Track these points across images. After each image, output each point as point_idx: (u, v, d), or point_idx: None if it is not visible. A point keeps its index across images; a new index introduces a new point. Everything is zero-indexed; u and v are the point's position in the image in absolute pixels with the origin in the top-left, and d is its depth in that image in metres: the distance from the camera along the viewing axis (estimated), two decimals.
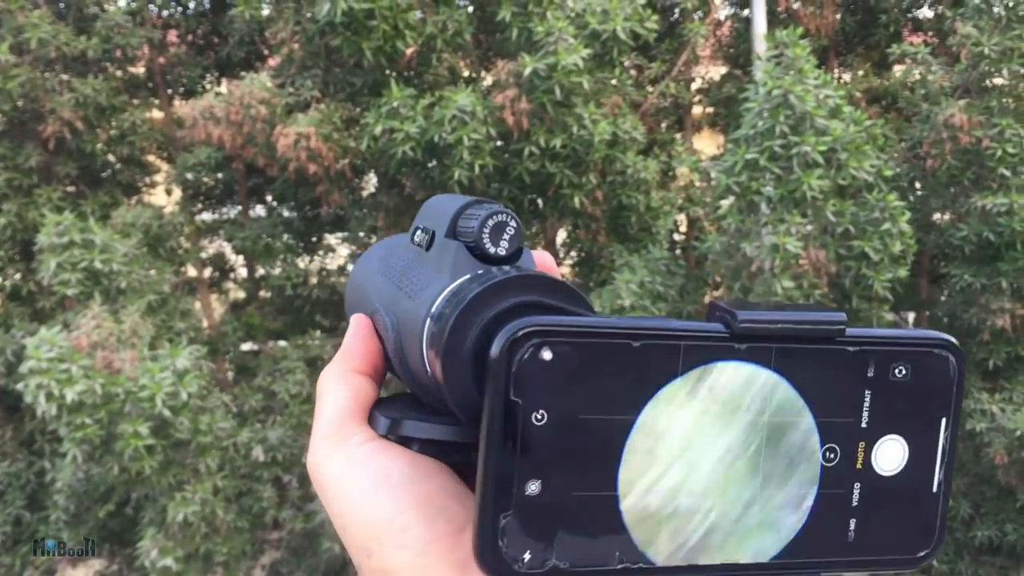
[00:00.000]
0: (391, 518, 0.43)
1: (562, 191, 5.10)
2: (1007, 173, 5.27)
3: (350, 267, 6.99)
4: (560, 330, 0.39)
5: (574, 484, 0.40)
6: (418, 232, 0.52)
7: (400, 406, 0.50)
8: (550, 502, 0.40)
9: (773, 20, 6.37)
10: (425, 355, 0.46)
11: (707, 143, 7.46)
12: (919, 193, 6.14)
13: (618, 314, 4.81)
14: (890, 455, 0.44)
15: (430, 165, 4.78)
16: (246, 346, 7.10)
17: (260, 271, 7.37)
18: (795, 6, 6.59)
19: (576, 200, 5.15)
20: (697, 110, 7.34)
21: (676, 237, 6.97)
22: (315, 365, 6.38)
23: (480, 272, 0.46)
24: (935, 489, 0.44)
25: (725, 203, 5.21)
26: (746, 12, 6.61)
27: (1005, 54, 5.16)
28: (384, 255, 0.56)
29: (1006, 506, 6.03)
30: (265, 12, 6.22)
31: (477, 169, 4.48)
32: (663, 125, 7.05)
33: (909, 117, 6.18)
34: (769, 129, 4.59)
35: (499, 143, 4.76)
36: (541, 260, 0.52)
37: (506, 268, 0.46)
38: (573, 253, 6.64)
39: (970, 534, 6.12)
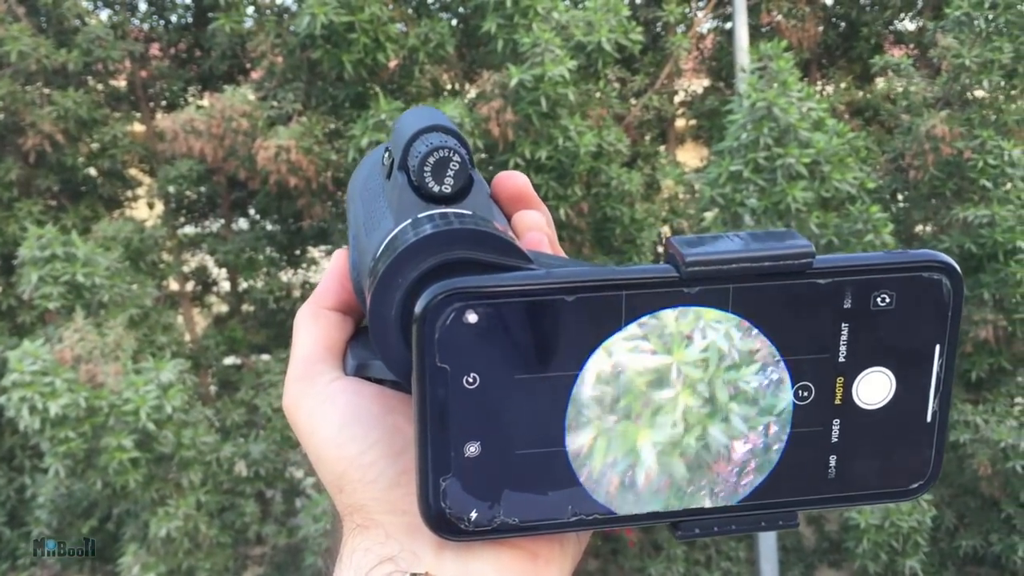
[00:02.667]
0: (359, 454, 0.43)
1: (547, 203, 5.10)
2: (988, 185, 5.31)
3: None
4: (482, 291, 0.38)
5: (516, 443, 0.39)
6: (386, 153, 0.49)
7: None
8: (492, 462, 0.39)
9: (755, 33, 6.41)
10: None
11: (690, 156, 7.49)
12: (901, 205, 6.18)
13: None
14: (874, 388, 0.41)
15: None
16: (229, 360, 7.05)
17: (243, 284, 7.33)
18: (778, 19, 6.63)
19: (561, 212, 5.15)
20: (680, 123, 7.37)
21: (660, 249, 6.98)
22: None
23: (413, 219, 0.43)
24: (929, 419, 0.42)
25: (709, 215, 5.22)
26: (729, 25, 6.65)
27: (985, 66, 5.21)
28: (368, 171, 0.53)
29: (990, 516, 6.05)
30: (247, 25, 6.20)
31: None
32: (647, 138, 7.07)
33: (891, 129, 6.23)
34: (753, 141, 4.61)
35: (485, 155, 4.75)
36: (505, 184, 0.50)
37: (439, 215, 0.43)
38: None
39: (954, 544, 6.14)
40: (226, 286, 7.68)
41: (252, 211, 7.36)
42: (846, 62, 7.24)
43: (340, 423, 0.44)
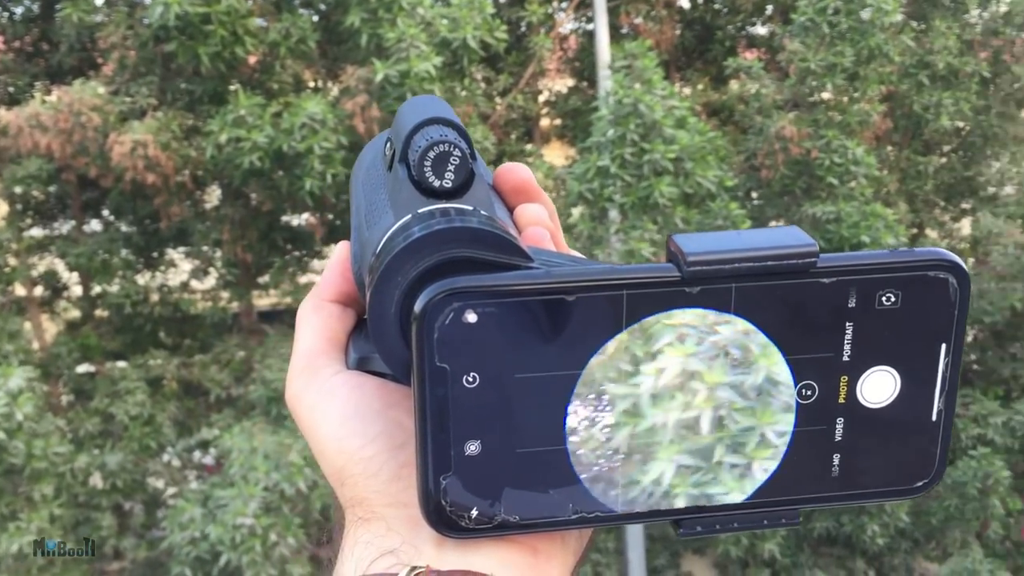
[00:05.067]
0: (360, 447, 0.43)
1: None
2: (834, 182, 5.59)
3: (193, 283, 6.73)
4: (481, 290, 0.38)
5: (517, 441, 0.39)
6: (387, 143, 0.49)
7: None
8: (492, 460, 0.39)
9: (616, 35, 6.56)
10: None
11: (556, 154, 7.60)
12: (756, 202, 6.44)
13: None
14: (878, 387, 0.40)
15: (278, 175, 4.66)
16: (82, 368, 6.71)
17: (97, 289, 6.98)
18: (637, 21, 6.81)
19: None
20: (545, 122, 7.47)
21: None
22: (157, 385, 6.10)
23: (413, 215, 0.43)
24: (934, 417, 0.41)
25: (576, 211, 5.31)
26: (591, 26, 6.78)
27: (829, 69, 5.48)
28: (370, 160, 0.53)
29: None
30: (97, 18, 5.91)
31: (329, 179, 4.40)
32: (512, 136, 7.13)
33: (745, 130, 6.48)
34: (620, 137, 4.71)
35: (351, 152, 4.69)
36: (507, 176, 0.50)
37: (439, 211, 0.43)
38: None
39: (809, 526, 6.44)
40: (78, 291, 7.31)
41: (106, 212, 7.03)
42: (702, 64, 7.49)
43: (342, 417, 0.44)
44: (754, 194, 6.45)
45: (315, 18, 5.55)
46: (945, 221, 7.71)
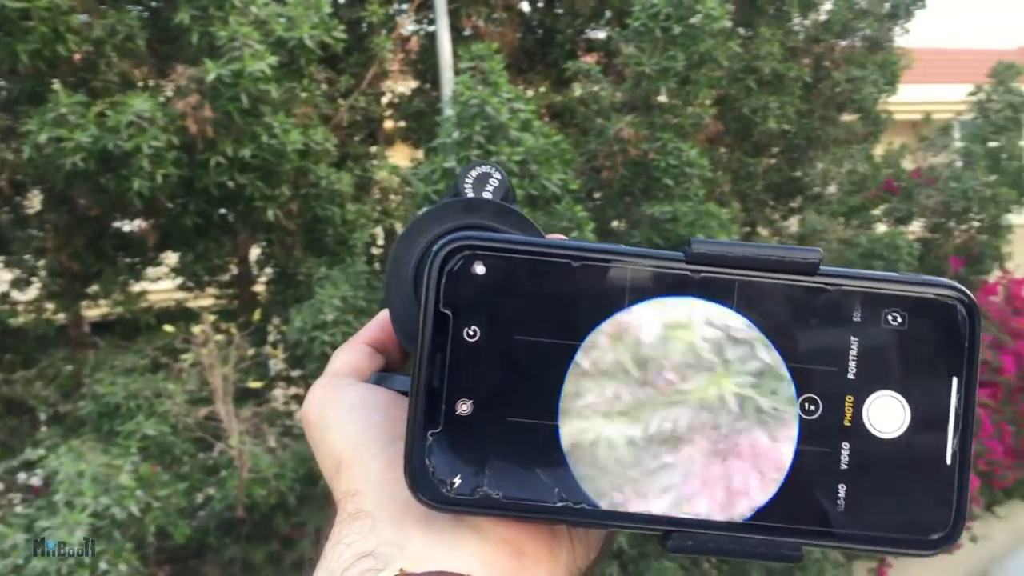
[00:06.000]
0: (360, 432, 0.45)
1: (254, 204, 4.92)
2: (670, 183, 5.78)
3: (14, 294, 6.31)
4: (493, 245, 0.38)
5: (509, 408, 0.38)
6: None
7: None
8: (482, 425, 0.38)
9: (458, 37, 6.57)
10: None
11: (401, 157, 7.54)
12: (598, 203, 6.58)
13: (320, 331, 4.72)
14: (886, 414, 0.39)
15: (106, 177, 4.41)
16: None
17: None
18: (479, 24, 6.84)
19: (270, 213, 4.99)
20: (389, 124, 7.41)
21: (374, 251, 6.97)
22: None
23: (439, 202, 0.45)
24: (949, 461, 0.39)
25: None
26: (432, 28, 6.77)
27: (663, 73, 5.66)
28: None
29: None
30: None
31: (160, 179, 4.20)
32: (356, 139, 7.03)
33: (586, 131, 6.62)
34: (466, 139, 4.72)
35: (183, 153, 4.50)
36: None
37: (465, 196, 0.46)
38: (268, 269, 6.43)
39: None
40: None
41: None
42: (543, 67, 7.60)
43: (348, 408, 0.47)
44: (596, 194, 6.59)
45: (145, 14, 5.29)
46: (775, 219, 8.11)
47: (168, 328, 5.06)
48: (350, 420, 0.46)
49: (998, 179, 7.20)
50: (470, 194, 0.46)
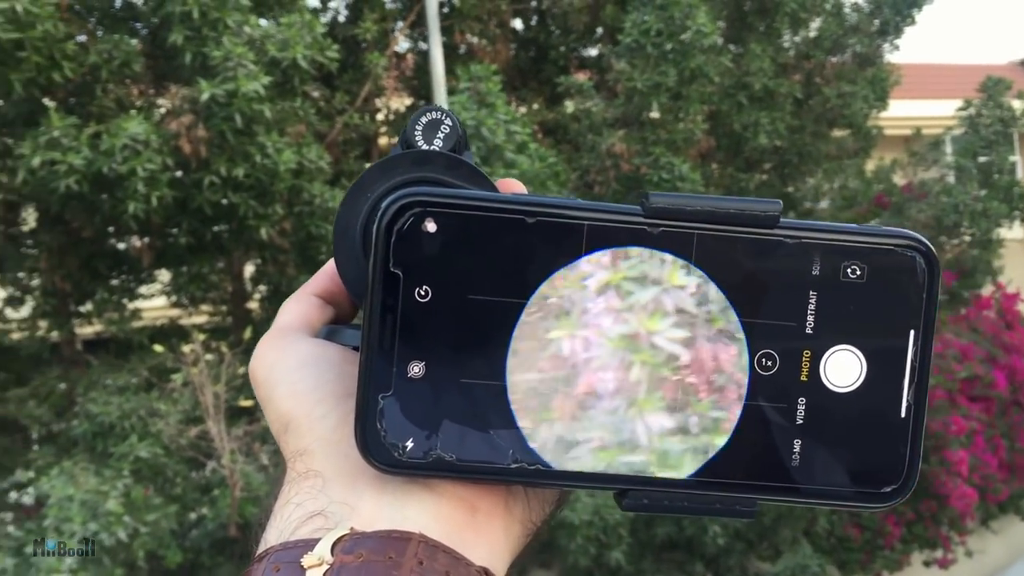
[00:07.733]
0: (310, 390, 0.43)
1: (248, 223, 4.93)
2: None
3: (8, 312, 6.31)
4: (445, 201, 0.37)
5: (460, 370, 0.38)
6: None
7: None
8: (434, 387, 0.38)
9: (451, 54, 6.60)
10: None
11: None
12: None
13: None
14: (843, 368, 0.38)
15: (101, 198, 4.41)
16: None
17: None
18: (472, 40, 6.87)
19: (263, 232, 4.99)
20: (384, 140, 7.43)
21: None
22: None
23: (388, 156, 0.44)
24: (903, 413, 0.39)
25: None
26: (426, 46, 6.80)
27: (655, 89, 5.69)
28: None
29: None
30: None
31: (155, 201, 4.21)
32: (351, 156, 7.05)
33: (579, 147, 6.65)
34: None
35: (178, 174, 4.51)
36: (502, 186, 0.49)
37: (416, 148, 0.44)
38: (262, 287, 6.44)
39: (651, 533, 6.62)
40: None
41: None
42: (537, 84, 7.63)
43: (297, 364, 0.45)
44: None
45: (143, 32, 5.29)
46: None
47: (158, 348, 5.05)
48: (299, 377, 0.44)
49: (989, 193, 7.24)
50: (421, 143, 0.44)
